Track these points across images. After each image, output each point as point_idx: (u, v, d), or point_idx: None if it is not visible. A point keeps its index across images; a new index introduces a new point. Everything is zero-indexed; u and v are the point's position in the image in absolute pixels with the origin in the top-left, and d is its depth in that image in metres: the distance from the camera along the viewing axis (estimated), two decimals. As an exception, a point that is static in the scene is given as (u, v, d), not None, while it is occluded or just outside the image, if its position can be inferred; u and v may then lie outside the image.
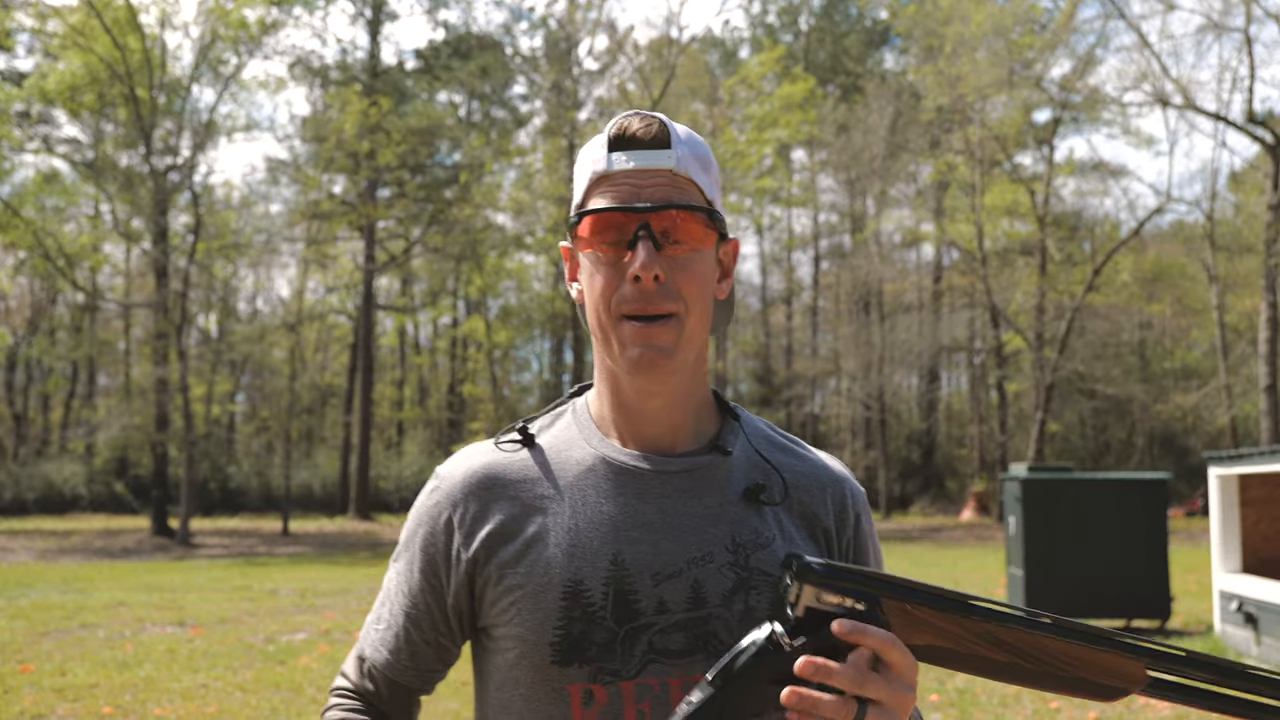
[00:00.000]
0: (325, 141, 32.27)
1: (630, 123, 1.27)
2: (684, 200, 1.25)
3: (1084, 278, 31.51)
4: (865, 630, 1.01)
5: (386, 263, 36.84)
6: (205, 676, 8.76)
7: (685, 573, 1.24)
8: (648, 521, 1.26)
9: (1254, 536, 10.44)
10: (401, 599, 1.34)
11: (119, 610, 13.16)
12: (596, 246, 1.26)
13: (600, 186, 1.26)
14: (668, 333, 1.24)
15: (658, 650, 1.21)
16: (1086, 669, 1.04)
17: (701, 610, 1.23)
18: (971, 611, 1.03)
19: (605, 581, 1.23)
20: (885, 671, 1.02)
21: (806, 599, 1.03)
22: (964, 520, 33.83)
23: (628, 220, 1.23)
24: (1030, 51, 30.15)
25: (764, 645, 1.03)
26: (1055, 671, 1.04)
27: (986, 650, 1.04)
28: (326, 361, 42.22)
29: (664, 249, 1.24)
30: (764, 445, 1.37)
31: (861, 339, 36.81)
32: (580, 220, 1.26)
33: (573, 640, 1.21)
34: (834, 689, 1.01)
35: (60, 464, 38.60)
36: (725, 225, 1.30)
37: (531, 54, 41.78)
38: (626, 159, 1.25)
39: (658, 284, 1.23)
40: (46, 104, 29.42)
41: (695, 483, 1.29)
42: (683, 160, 1.26)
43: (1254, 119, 26.46)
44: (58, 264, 28.59)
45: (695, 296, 1.25)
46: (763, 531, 1.28)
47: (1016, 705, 7.57)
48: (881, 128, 35.60)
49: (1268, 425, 25.59)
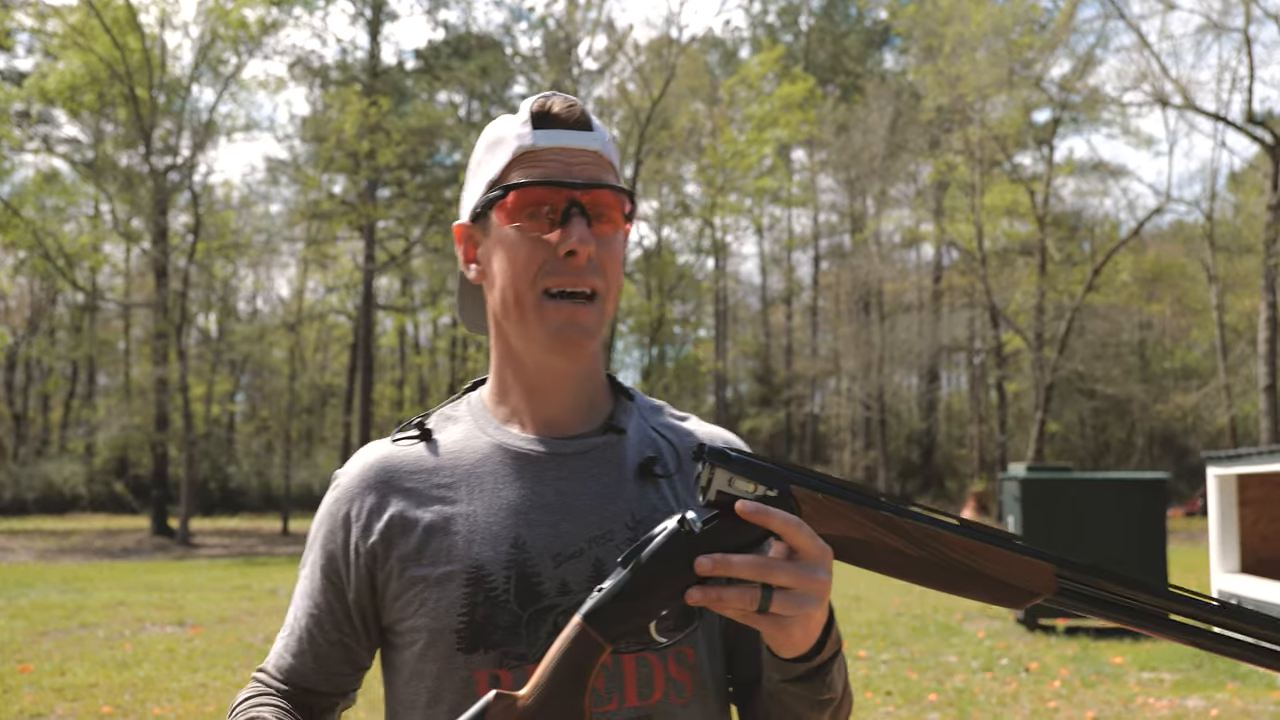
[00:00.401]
0: (325, 141, 32.26)
1: (552, 102, 1.27)
2: (612, 181, 1.27)
3: (1084, 278, 31.50)
4: (768, 511, 1.01)
5: (386, 263, 36.83)
6: (204, 676, 8.77)
7: (586, 552, 1.24)
8: (546, 504, 1.26)
9: (1252, 536, 10.43)
10: (304, 601, 1.33)
11: (118, 610, 13.16)
12: (522, 220, 1.24)
13: (524, 163, 1.25)
14: (591, 313, 1.25)
15: (562, 631, 1.21)
16: (995, 569, 1.04)
17: None
18: (880, 506, 1.05)
19: (507, 565, 1.22)
20: (794, 557, 1.03)
21: (719, 483, 1.03)
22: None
23: (558, 196, 1.23)
24: (1030, 51, 30.14)
25: (675, 530, 1.04)
26: (963, 569, 1.04)
27: (895, 543, 1.04)
28: (326, 361, 42.22)
29: (592, 227, 1.24)
30: (655, 419, 1.38)
31: (861, 339, 36.82)
32: (504, 195, 1.25)
33: (477, 626, 1.21)
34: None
35: (60, 464, 38.60)
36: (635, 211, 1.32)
37: (531, 54, 41.79)
38: (552, 136, 1.25)
39: (588, 261, 1.23)
40: (46, 104, 29.44)
41: (592, 463, 1.29)
42: (605, 144, 1.27)
43: (1253, 119, 26.45)
44: (57, 264, 28.60)
45: (615, 276, 1.27)
46: (660, 507, 1.28)
47: (1014, 704, 7.57)
48: (881, 128, 35.60)
49: (1267, 425, 25.59)
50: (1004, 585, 1.05)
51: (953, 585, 1.05)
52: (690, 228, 40.68)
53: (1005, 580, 1.04)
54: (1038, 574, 1.04)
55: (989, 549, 1.04)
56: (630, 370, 45.97)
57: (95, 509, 37.97)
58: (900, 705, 7.59)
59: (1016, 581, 1.04)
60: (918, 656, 9.57)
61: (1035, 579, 1.04)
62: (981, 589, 1.05)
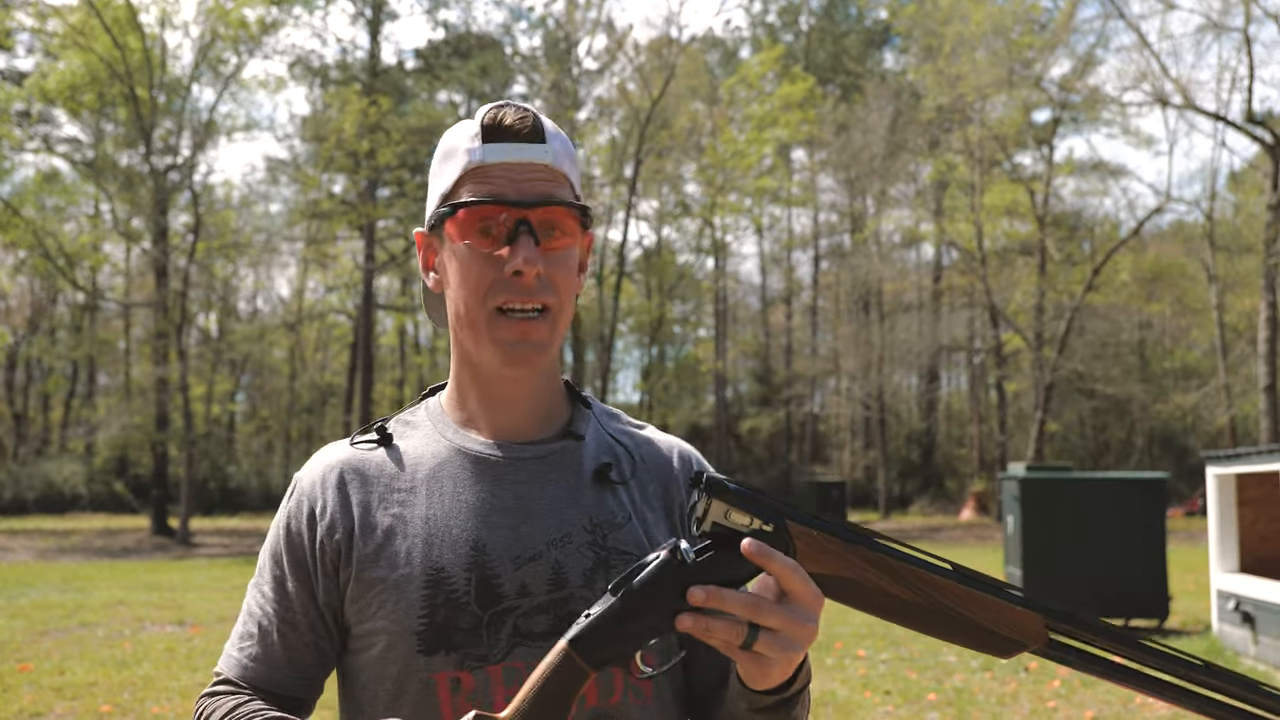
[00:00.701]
0: (325, 141, 32.26)
1: (504, 113, 1.26)
2: (562, 196, 1.26)
3: (1083, 277, 31.50)
4: (771, 554, 1.02)
5: (386, 262, 36.83)
6: (204, 675, 8.77)
7: (545, 555, 1.25)
8: (506, 507, 1.27)
9: (1251, 536, 10.44)
10: (272, 606, 1.31)
11: (118, 609, 13.17)
12: (471, 238, 1.25)
13: (474, 179, 1.25)
14: (542, 328, 1.26)
15: (523, 633, 1.22)
16: (985, 617, 1.04)
17: (563, 591, 1.24)
18: (874, 546, 1.05)
19: (467, 568, 1.23)
20: (785, 600, 1.03)
21: (715, 514, 1.03)
22: (963, 520, 33.83)
23: (506, 215, 1.23)
24: (1030, 51, 30.14)
25: (668, 558, 1.04)
26: (953, 616, 1.04)
27: (887, 585, 1.04)
28: (326, 361, 42.28)
29: (541, 244, 1.24)
30: (612, 425, 1.39)
31: (861, 339, 36.82)
32: (454, 212, 1.25)
33: (437, 627, 1.21)
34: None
35: (60, 463, 38.60)
36: (591, 221, 1.31)
37: (531, 53, 41.79)
38: (501, 151, 1.24)
39: (537, 279, 1.24)
40: (47, 103, 29.44)
41: (550, 468, 1.30)
42: (557, 155, 1.26)
43: (1253, 119, 26.45)
44: (58, 263, 28.60)
45: (567, 291, 1.27)
46: (618, 511, 1.30)
47: (1014, 704, 7.58)
48: (881, 127, 35.59)
49: (1267, 425, 25.59)
50: (993, 635, 1.05)
51: (941, 631, 1.06)
52: (690, 227, 40.72)
53: (995, 630, 1.05)
54: (1028, 625, 1.04)
55: (982, 597, 1.04)
56: (630, 370, 45.99)
57: (95, 508, 37.97)
58: (899, 705, 7.59)
59: (1006, 632, 1.05)
60: (917, 656, 9.57)
61: (1025, 630, 1.04)
62: (970, 637, 1.05)
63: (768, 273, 47.87)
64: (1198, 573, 15.11)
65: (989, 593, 1.04)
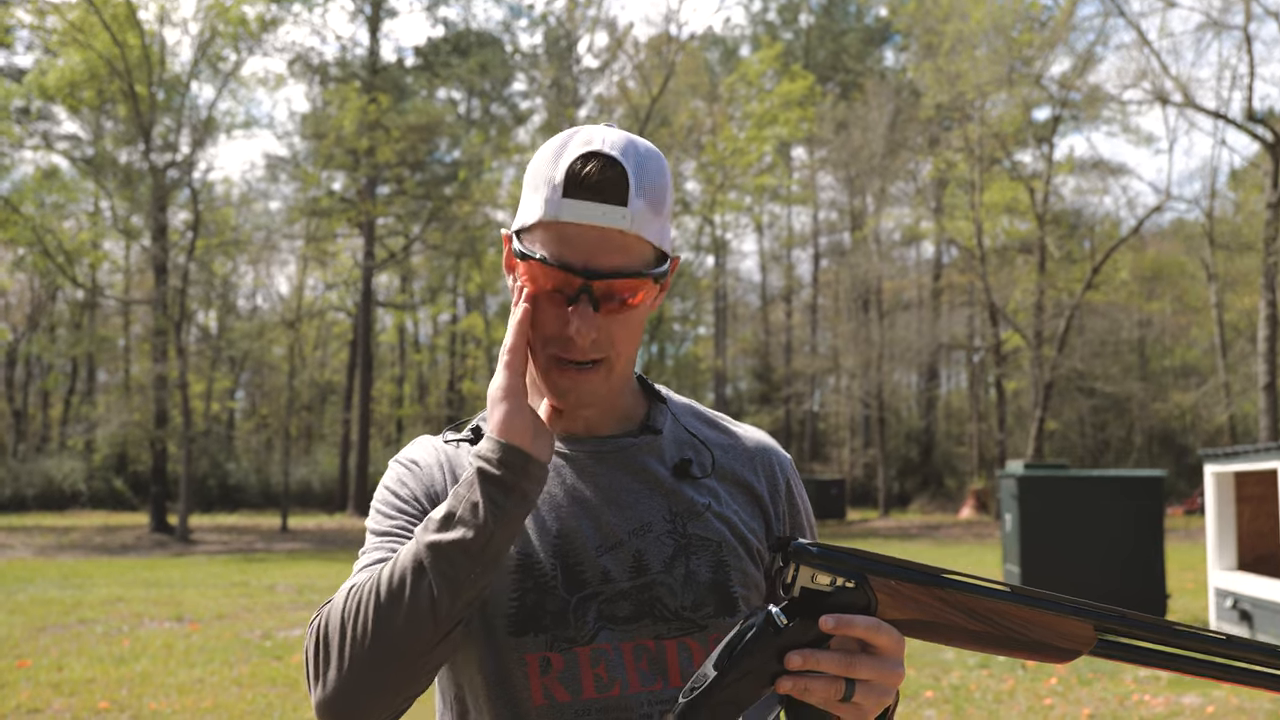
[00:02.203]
0: (325, 138, 32.27)
1: (590, 169, 1.23)
2: (631, 267, 1.24)
3: (1083, 276, 31.51)
4: (851, 622, 1.07)
5: (386, 260, 36.85)
6: (201, 671, 8.77)
7: (627, 543, 1.30)
8: (588, 499, 1.32)
9: (1250, 533, 10.44)
10: (399, 533, 1.29)
11: (117, 606, 13.18)
12: (538, 287, 1.26)
13: (549, 230, 1.24)
14: (595, 379, 1.28)
15: (607, 617, 1.27)
16: (1044, 633, 1.11)
17: (644, 578, 1.29)
18: (947, 584, 1.11)
19: (553, 555, 1.29)
20: (873, 652, 1.08)
21: (802, 579, 1.08)
22: (963, 518, 33.84)
23: (572, 279, 1.23)
24: (1030, 49, 30.13)
25: (763, 627, 1.09)
26: (1018, 636, 1.12)
27: (963, 621, 1.11)
28: (326, 358, 42.27)
29: (604, 308, 1.25)
30: (692, 422, 1.43)
31: (861, 336, 36.82)
32: (526, 259, 1.25)
33: (527, 610, 1.26)
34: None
35: (60, 460, 38.61)
36: (669, 266, 1.30)
37: (531, 51, 41.82)
38: (578, 210, 1.23)
39: (593, 343, 1.26)
40: (46, 100, 29.44)
41: (629, 461, 1.35)
42: (638, 218, 1.24)
43: (1253, 117, 26.45)
44: (57, 260, 28.59)
45: (626, 344, 1.29)
46: (698, 500, 1.35)
47: (1010, 701, 7.58)
48: (881, 125, 35.59)
49: (1266, 423, 25.59)
50: (1050, 647, 1.12)
51: (1006, 650, 1.13)
52: (690, 225, 40.68)
53: (1051, 643, 1.12)
54: (1080, 631, 1.11)
55: (1038, 614, 1.11)
56: (630, 368, 45.90)
57: (95, 505, 37.99)
58: (897, 703, 7.59)
59: (1060, 642, 1.12)
60: (914, 653, 9.57)
61: (1078, 637, 1.12)
62: (1029, 651, 1.13)
63: (767, 270, 47.89)
64: (1197, 571, 15.11)
65: (1044, 607, 1.11)
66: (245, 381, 43.18)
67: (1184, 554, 18.09)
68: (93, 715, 7.26)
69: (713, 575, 1.31)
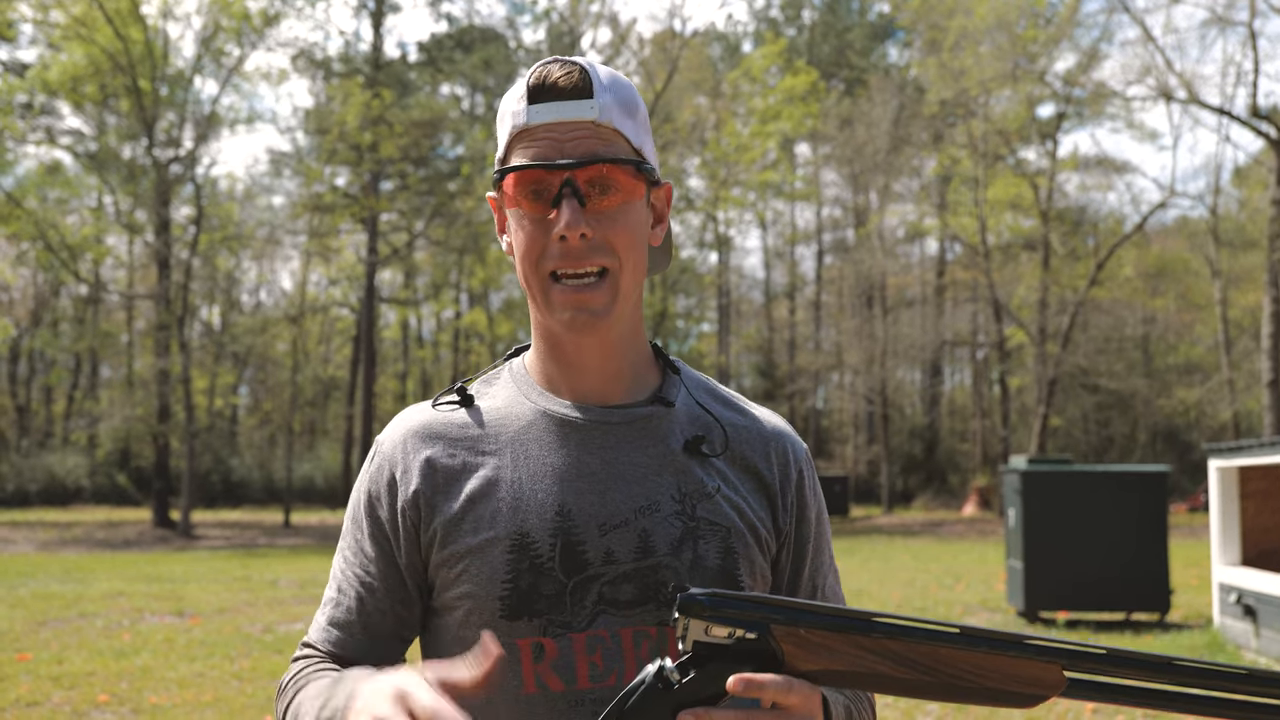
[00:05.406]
0: (328, 134, 32.23)
1: (550, 71, 1.23)
2: (609, 153, 1.22)
3: (1087, 272, 31.45)
4: (761, 684, 0.97)
5: (389, 255, 36.82)
6: (202, 665, 8.76)
7: (632, 522, 1.23)
8: (592, 472, 1.25)
9: (1254, 529, 10.40)
10: (352, 571, 1.30)
11: (118, 600, 13.17)
12: (521, 204, 1.23)
13: (521, 141, 1.23)
14: (601, 294, 1.23)
15: (608, 601, 1.21)
16: (999, 679, 1.00)
17: (650, 559, 1.22)
18: (871, 629, 0.99)
19: (552, 533, 1.22)
20: (781, 709, 0.99)
21: (694, 633, 0.99)
22: (966, 515, 33.80)
23: (550, 177, 1.21)
24: (1034, 45, 30.06)
25: (652, 683, 1.01)
26: (966, 684, 1.00)
27: (889, 669, 1.00)
28: (329, 354, 42.28)
29: (591, 204, 1.21)
30: (705, 398, 1.36)
31: (864, 333, 36.78)
32: (503, 177, 1.24)
33: (521, 593, 1.20)
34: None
35: (62, 455, 38.65)
36: (656, 173, 1.27)
37: (534, 47, 41.72)
38: (546, 111, 1.21)
39: (585, 241, 1.21)
40: (49, 95, 29.41)
41: (638, 433, 1.28)
42: (605, 109, 1.22)
43: (1258, 113, 26.35)
44: (60, 255, 28.60)
45: (627, 249, 1.24)
46: (708, 481, 1.27)
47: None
48: (885, 121, 35.54)
49: (1270, 420, 25.52)
50: (1008, 693, 1.00)
51: (956, 699, 1.01)
52: (693, 221, 40.63)
53: (1008, 689, 1.00)
54: (1045, 675, 0.99)
55: (990, 659, 0.99)
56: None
57: (97, 500, 38.04)
58: (896, 701, 7.55)
59: (1020, 688, 0.99)
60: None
61: (1041, 680, 0.99)
62: (984, 698, 1.01)
63: (771, 267, 47.85)
64: (1200, 567, 15.07)
65: (1000, 649, 0.99)
66: (248, 377, 43.20)
67: (1188, 550, 18.04)
68: (92, 708, 7.24)
69: (721, 562, 1.24)
